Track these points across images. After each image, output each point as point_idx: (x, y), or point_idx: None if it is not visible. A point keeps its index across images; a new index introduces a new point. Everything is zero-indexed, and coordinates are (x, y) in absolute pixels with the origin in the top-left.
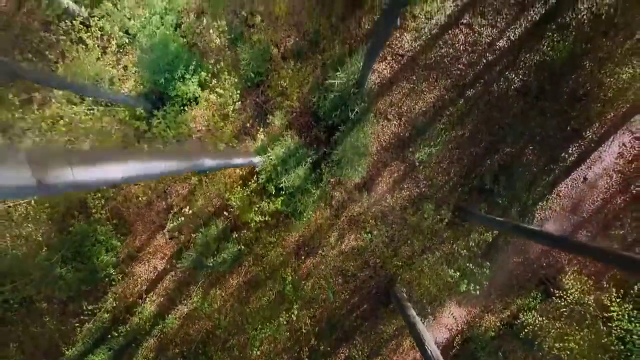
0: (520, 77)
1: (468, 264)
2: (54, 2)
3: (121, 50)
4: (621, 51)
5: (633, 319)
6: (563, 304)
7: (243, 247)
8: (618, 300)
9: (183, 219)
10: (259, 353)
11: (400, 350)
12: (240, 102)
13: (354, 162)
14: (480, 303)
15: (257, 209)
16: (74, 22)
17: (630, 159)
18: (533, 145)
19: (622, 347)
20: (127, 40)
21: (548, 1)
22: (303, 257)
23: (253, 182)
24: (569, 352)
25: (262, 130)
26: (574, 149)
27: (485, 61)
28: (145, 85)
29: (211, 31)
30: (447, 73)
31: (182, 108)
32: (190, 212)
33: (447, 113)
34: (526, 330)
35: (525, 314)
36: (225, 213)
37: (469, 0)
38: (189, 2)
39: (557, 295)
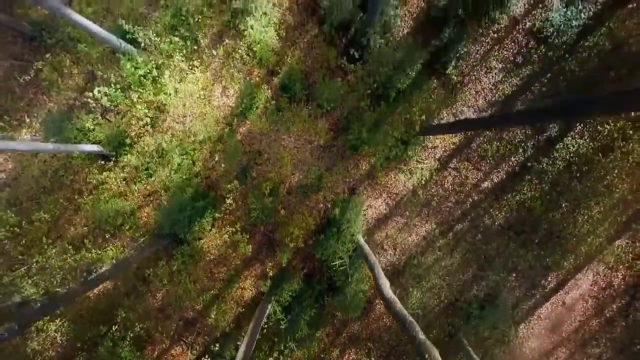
0: (503, 214)
1: None
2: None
3: (140, 182)
4: (592, 193)
5: None
6: None
7: None
8: None
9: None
10: None
11: None
12: (249, 238)
13: (352, 305)
14: None
15: None
16: (103, 172)
17: (603, 285)
18: (516, 273)
19: None
20: (147, 177)
21: (526, 150)
22: None
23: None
24: None
25: (270, 263)
26: (553, 276)
27: (471, 200)
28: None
29: (224, 190)
30: (437, 209)
31: (197, 241)
32: (207, 323)
33: (438, 245)
34: None
35: None
36: (238, 339)
37: (456, 147)
38: (205, 158)
39: None
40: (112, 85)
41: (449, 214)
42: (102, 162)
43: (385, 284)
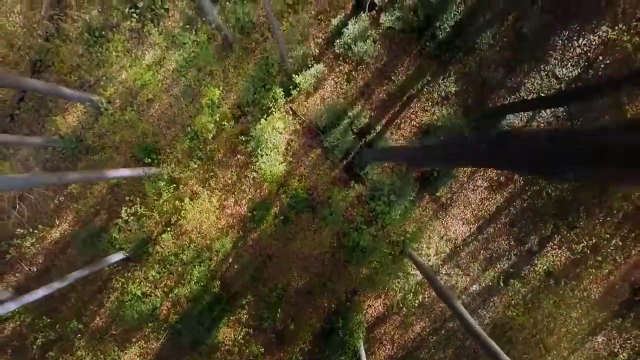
0: (490, 314)
1: None
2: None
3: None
4: (570, 296)
5: None
6: None
7: None
8: None
9: None
10: None
11: None
12: (260, 333)
13: None
14: None
15: None
16: (129, 282)
17: None
18: None
19: None
20: (167, 279)
21: (511, 257)
22: None
23: None
24: None
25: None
26: None
27: (460, 301)
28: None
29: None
30: (430, 310)
31: (214, 339)
32: None
33: (432, 341)
34: None
35: None
36: None
37: (447, 256)
38: (220, 261)
39: None
40: (138, 204)
41: (441, 314)
42: (127, 273)
43: None
